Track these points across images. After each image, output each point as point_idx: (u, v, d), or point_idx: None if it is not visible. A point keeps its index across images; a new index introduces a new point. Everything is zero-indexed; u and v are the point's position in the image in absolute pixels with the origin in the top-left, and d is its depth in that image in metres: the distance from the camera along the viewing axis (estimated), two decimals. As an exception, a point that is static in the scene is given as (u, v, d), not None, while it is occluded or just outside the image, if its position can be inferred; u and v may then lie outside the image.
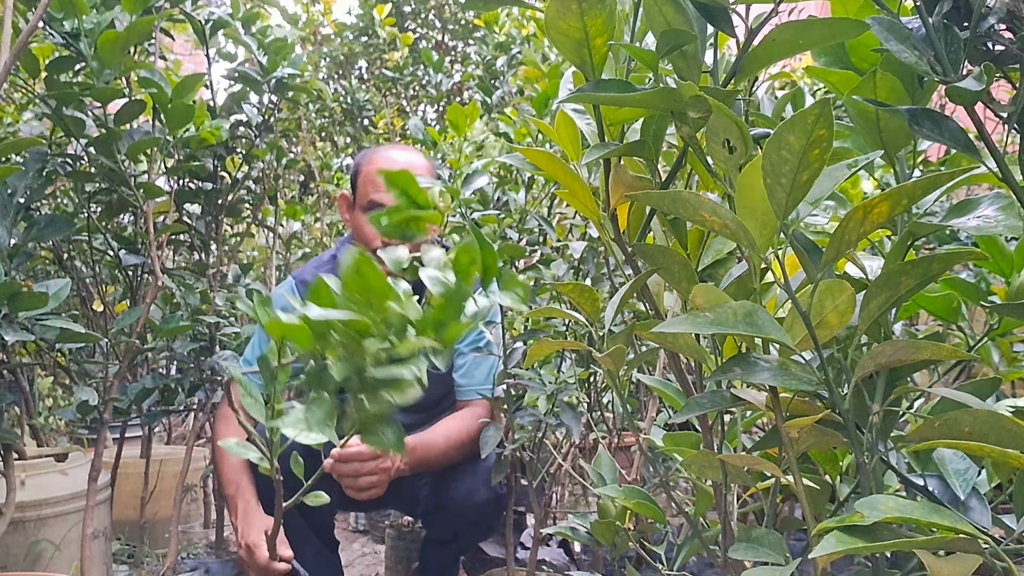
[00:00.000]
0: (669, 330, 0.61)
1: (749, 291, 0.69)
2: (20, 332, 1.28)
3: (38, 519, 1.66)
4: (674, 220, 0.81)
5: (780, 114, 0.94)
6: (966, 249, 0.86)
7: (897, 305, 0.64)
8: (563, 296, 1.31)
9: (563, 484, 2.27)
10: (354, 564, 2.48)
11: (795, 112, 0.56)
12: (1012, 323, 0.86)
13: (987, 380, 0.78)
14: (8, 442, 1.41)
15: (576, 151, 0.84)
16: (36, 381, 2.53)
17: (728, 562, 0.81)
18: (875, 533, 0.54)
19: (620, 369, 0.84)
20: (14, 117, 1.94)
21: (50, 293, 1.30)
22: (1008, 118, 0.60)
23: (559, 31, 0.69)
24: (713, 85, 0.71)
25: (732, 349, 0.75)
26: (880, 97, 0.68)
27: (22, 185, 1.42)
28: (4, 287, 1.25)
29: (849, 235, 0.59)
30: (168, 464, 2.24)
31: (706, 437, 0.83)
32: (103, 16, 1.42)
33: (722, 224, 0.61)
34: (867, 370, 0.63)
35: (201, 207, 1.94)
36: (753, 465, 0.72)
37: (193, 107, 1.67)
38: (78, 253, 2.28)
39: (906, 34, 0.60)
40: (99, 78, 1.44)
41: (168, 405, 1.89)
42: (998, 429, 0.56)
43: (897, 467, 0.73)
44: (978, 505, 0.72)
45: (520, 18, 2.57)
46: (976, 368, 1.10)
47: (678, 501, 0.95)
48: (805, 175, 0.57)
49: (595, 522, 1.15)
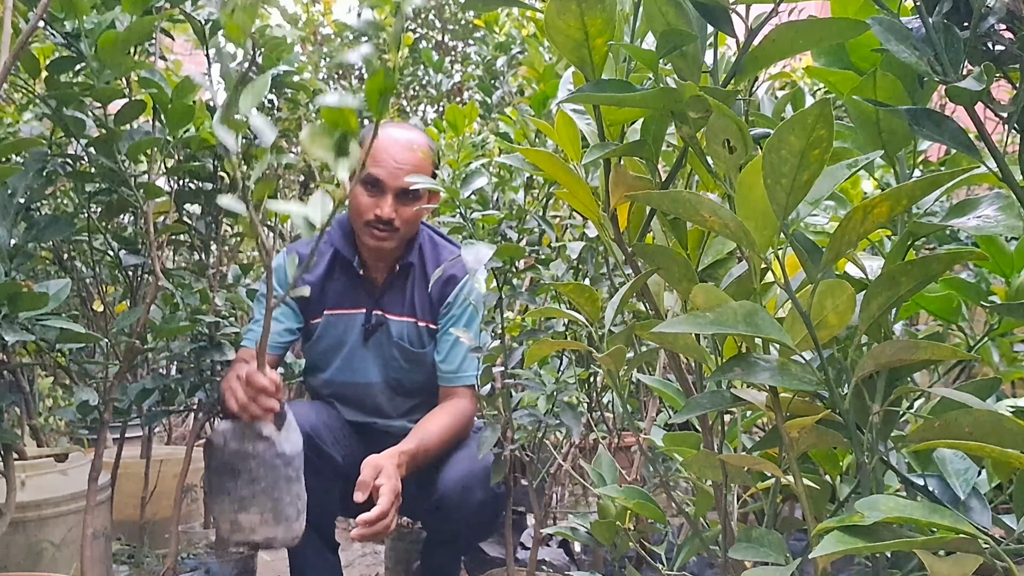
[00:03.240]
0: (669, 330, 0.61)
1: (749, 291, 0.69)
2: (20, 332, 1.28)
3: (38, 519, 1.66)
4: (674, 220, 0.81)
5: (780, 114, 0.94)
6: (966, 249, 0.86)
7: (897, 305, 0.64)
8: (563, 296, 1.31)
9: (563, 484, 2.27)
10: (354, 564, 2.48)
11: (795, 112, 0.56)
12: (1012, 323, 0.86)
13: (987, 380, 0.78)
14: (8, 442, 1.41)
15: (576, 151, 0.84)
16: (36, 381, 2.53)
17: (728, 562, 0.81)
18: (875, 533, 0.54)
19: (620, 369, 0.84)
20: (14, 117, 1.94)
21: (50, 293, 1.30)
22: (1008, 118, 0.60)
23: (559, 31, 0.69)
24: (713, 85, 0.71)
25: (732, 349, 0.75)
26: (880, 97, 0.68)
27: (22, 185, 1.41)
28: (4, 287, 1.25)
29: (849, 235, 0.59)
30: (168, 464, 2.24)
31: (706, 437, 0.83)
32: (104, 16, 1.42)
33: (722, 224, 0.61)
34: (867, 370, 0.63)
35: (201, 207, 1.94)
36: (753, 465, 0.72)
37: (193, 107, 1.67)
38: (78, 253, 2.28)
39: (906, 34, 0.60)
40: (99, 78, 1.44)
41: (168, 405, 1.89)
42: (998, 429, 0.56)
43: (897, 467, 0.73)
44: (978, 505, 0.72)
45: (520, 18, 2.57)
46: (976, 368, 1.10)
47: (678, 501, 0.95)
48: (805, 175, 0.57)
49: (595, 522, 1.15)
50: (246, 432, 1.36)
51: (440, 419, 1.78)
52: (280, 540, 1.38)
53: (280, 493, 1.36)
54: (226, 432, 1.37)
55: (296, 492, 1.39)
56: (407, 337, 1.88)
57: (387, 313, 1.87)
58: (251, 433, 1.36)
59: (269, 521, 1.36)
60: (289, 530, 1.38)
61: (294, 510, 1.39)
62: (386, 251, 1.83)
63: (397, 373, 1.90)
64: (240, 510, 1.35)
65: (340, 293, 1.87)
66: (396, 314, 1.88)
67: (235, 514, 1.35)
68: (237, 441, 1.36)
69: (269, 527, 1.36)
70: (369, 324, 1.87)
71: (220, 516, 1.37)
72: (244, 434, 1.36)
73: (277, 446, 1.37)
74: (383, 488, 1.53)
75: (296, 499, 1.39)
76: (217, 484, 1.37)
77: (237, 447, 1.35)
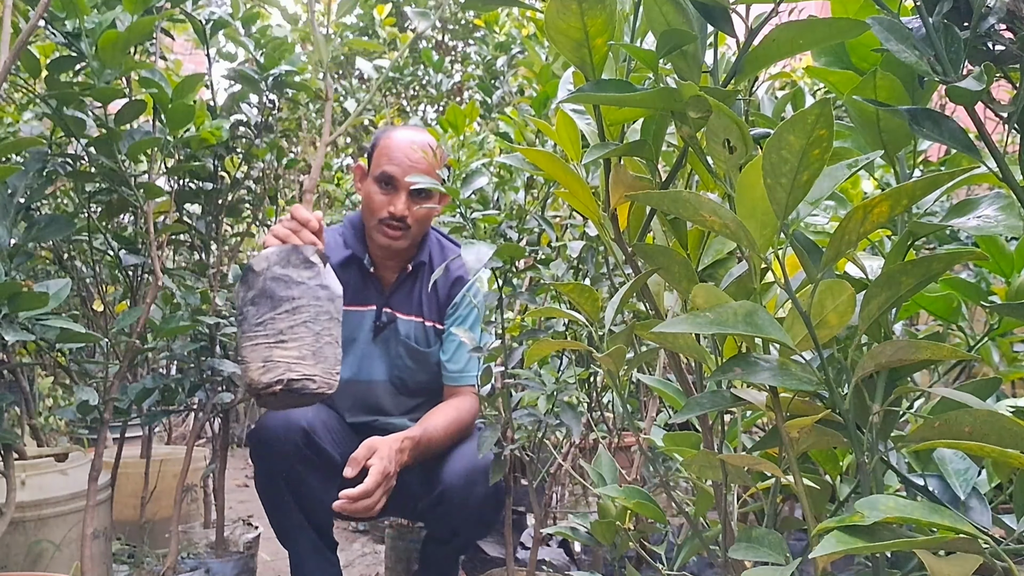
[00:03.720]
0: (669, 330, 0.61)
1: (749, 291, 0.69)
2: (20, 332, 1.28)
3: (38, 519, 1.66)
4: (674, 220, 0.81)
5: (780, 114, 0.94)
6: (966, 249, 0.86)
7: (897, 305, 0.64)
8: (563, 296, 1.31)
9: (563, 484, 2.27)
10: (354, 564, 2.48)
11: (795, 112, 0.56)
12: (1012, 323, 0.86)
13: (987, 380, 0.78)
14: (8, 442, 1.41)
15: (576, 151, 0.84)
16: (36, 381, 2.53)
17: (728, 562, 0.81)
18: (875, 533, 0.54)
19: (620, 369, 0.84)
20: (14, 117, 1.94)
21: (50, 293, 1.30)
22: (1008, 118, 0.60)
23: (559, 31, 0.69)
24: (713, 85, 0.71)
25: (732, 349, 0.75)
26: (880, 97, 0.68)
27: (22, 185, 1.41)
28: (4, 287, 1.25)
29: (849, 235, 0.59)
30: (168, 464, 2.24)
31: (706, 437, 0.83)
32: (104, 16, 1.42)
33: (722, 224, 0.61)
34: (867, 370, 0.63)
35: (201, 207, 1.94)
36: (753, 465, 0.72)
37: (193, 107, 1.67)
38: (78, 253, 2.28)
39: (906, 34, 0.60)
40: (100, 78, 1.44)
41: (168, 405, 1.89)
42: (998, 429, 0.56)
43: (897, 467, 0.73)
44: (978, 505, 0.72)
45: (520, 18, 2.57)
46: (976, 368, 1.10)
47: (678, 501, 0.95)
48: (805, 175, 0.57)
49: (595, 522, 1.15)
50: (291, 257, 1.23)
51: (446, 412, 1.80)
52: (319, 382, 1.22)
53: (322, 328, 1.22)
54: (270, 256, 1.23)
55: (336, 336, 1.24)
56: (414, 336, 1.90)
57: (396, 312, 1.89)
58: (297, 258, 1.24)
59: (307, 358, 1.20)
60: (328, 374, 1.23)
61: (333, 354, 1.24)
62: (397, 250, 1.85)
63: (402, 372, 1.91)
64: (276, 344, 1.20)
65: (351, 291, 1.87)
66: (404, 313, 1.89)
67: (270, 348, 1.20)
68: (282, 265, 1.22)
69: (307, 365, 1.20)
70: (379, 322, 1.88)
71: (251, 355, 1.21)
72: (289, 259, 1.23)
73: (322, 277, 1.25)
74: (373, 468, 1.55)
75: (335, 343, 1.25)
76: (253, 316, 1.21)
77: (281, 272, 1.22)
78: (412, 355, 1.90)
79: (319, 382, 1.21)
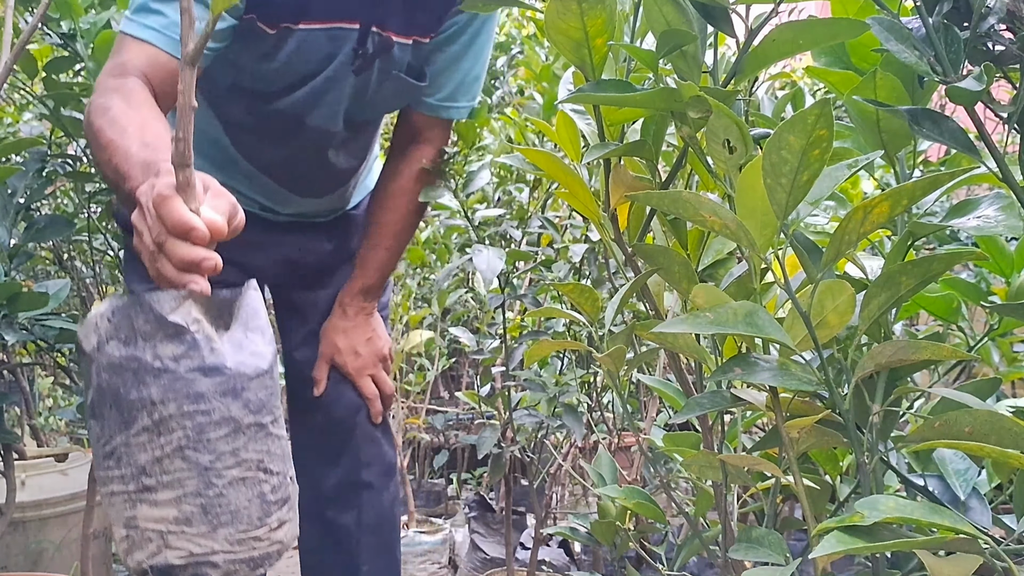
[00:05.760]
0: (669, 330, 0.61)
1: (749, 291, 0.69)
2: (20, 332, 1.28)
3: (38, 519, 1.66)
4: (674, 220, 0.81)
5: (780, 114, 0.94)
6: (966, 249, 0.86)
7: (897, 305, 0.64)
8: (563, 296, 1.31)
9: (563, 484, 2.27)
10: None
11: (795, 112, 0.56)
12: (1012, 323, 0.86)
13: (987, 380, 0.78)
14: (8, 442, 1.41)
15: (576, 151, 0.84)
16: (36, 381, 2.53)
17: (728, 562, 0.81)
18: (875, 533, 0.54)
19: (620, 369, 0.84)
20: (14, 117, 1.94)
21: (50, 293, 1.31)
22: (1008, 118, 0.60)
23: (559, 31, 0.69)
24: (713, 85, 0.71)
25: (732, 349, 0.75)
26: (880, 97, 0.68)
27: (22, 185, 1.41)
28: (4, 287, 1.25)
29: (849, 235, 0.59)
30: (168, 464, 2.23)
31: (706, 437, 0.83)
32: (99, 16, 1.42)
33: (722, 224, 0.61)
34: (867, 370, 0.63)
35: (201, 207, 1.94)
36: (753, 465, 0.72)
37: (193, 107, 1.67)
38: (78, 253, 2.27)
39: (906, 34, 0.60)
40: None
41: (168, 405, 1.89)
42: (998, 429, 0.56)
43: (897, 467, 0.73)
44: (978, 505, 0.72)
45: (520, 18, 2.57)
46: (976, 368, 1.10)
47: (678, 501, 0.95)
48: (805, 175, 0.57)
49: (595, 522, 1.15)
50: (137, 320, 0.65)
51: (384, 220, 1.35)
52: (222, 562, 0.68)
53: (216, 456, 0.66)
54: (100, 321, 0.66)
55: (252, 458, 0.68)
56: (408, 65, 1.25)
57: (390, 31, 1.21)
58: (147, 321, 0.65)
59: (195, 519, 0.66)
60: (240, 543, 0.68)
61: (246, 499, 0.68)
62: None
63: (364, 117, 1.31)
64: (139, 493, 0.67)
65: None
66: (400, 33, 1.22)
67: (131, 503, 0.67)
68: (122, 340, 0.66)
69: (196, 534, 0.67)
70: (364, 48, 1.20)
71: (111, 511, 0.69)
72: (133, 324, 0.65)
73: (206, 350, 0.66)
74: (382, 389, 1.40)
75: (254, 472, 0.68)
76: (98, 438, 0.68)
77: (123, 354, 0.65)
78: (400, 95, 1.29)
79: (223, 562, 0.68)
